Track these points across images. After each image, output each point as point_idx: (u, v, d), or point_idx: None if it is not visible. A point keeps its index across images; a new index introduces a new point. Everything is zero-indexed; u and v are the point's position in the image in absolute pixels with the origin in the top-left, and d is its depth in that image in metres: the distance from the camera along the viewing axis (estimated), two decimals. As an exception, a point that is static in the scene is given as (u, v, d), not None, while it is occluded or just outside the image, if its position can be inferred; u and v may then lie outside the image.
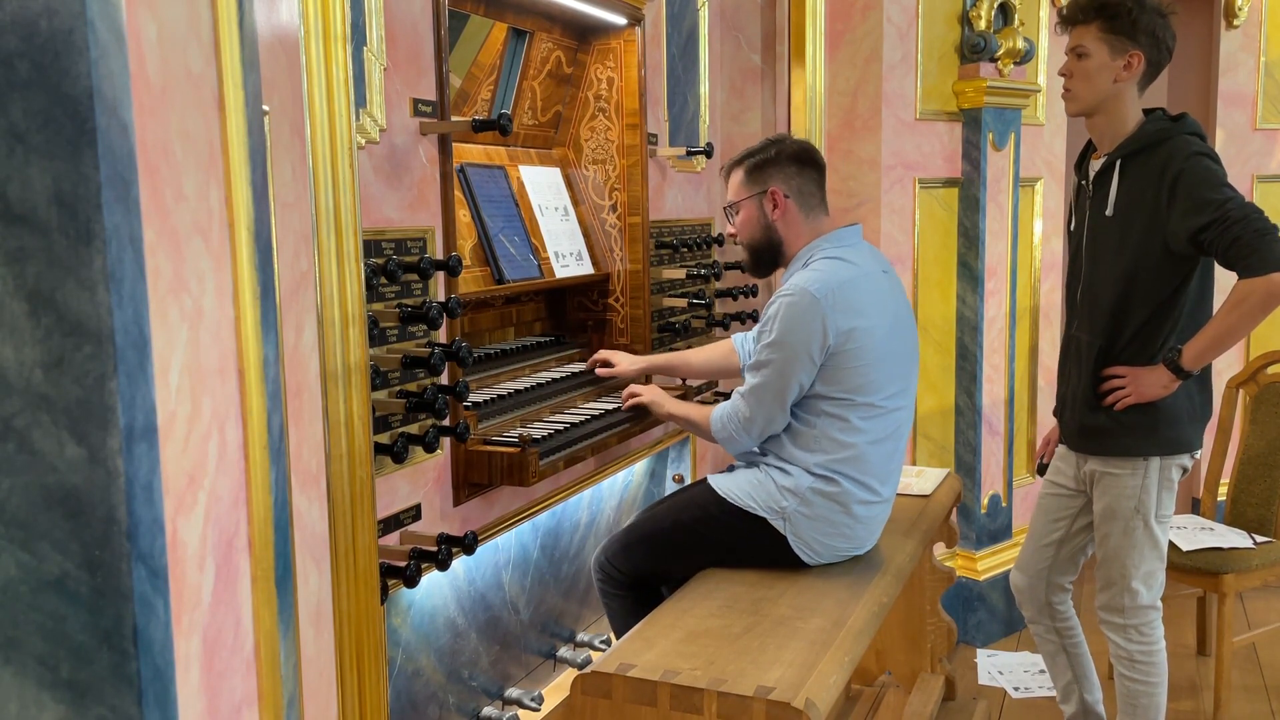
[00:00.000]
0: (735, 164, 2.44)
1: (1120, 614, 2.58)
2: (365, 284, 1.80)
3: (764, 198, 2.37)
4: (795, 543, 2.26)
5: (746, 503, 2.29)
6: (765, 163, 2.38)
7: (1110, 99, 2.47)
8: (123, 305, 0.93)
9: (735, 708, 1.73)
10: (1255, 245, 2.24)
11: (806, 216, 2.37)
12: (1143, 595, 2.56)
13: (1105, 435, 2.53)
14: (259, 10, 1.35)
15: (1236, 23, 4.35)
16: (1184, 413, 2.49)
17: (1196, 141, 2.42)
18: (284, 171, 1.47)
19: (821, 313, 2.18)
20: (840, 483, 2.25)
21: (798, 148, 2.40)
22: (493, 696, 2.54)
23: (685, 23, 3.14)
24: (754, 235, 2.41)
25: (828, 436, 2.25)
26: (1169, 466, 2.52)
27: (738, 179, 2.42)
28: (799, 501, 2.25)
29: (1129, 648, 2.59)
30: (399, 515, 2.03)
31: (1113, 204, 2.48)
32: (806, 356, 2.20)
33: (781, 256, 2.41)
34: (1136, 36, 2.42)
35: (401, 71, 2.01)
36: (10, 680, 0.97)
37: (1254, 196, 4.51)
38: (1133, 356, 2.49)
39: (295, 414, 1.51)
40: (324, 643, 1.63)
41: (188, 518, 1.06)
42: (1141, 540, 2.53)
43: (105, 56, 0.91)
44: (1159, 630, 2.60)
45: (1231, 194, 2.32)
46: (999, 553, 3.93)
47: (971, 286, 3.78)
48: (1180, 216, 2.35)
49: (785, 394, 2.24)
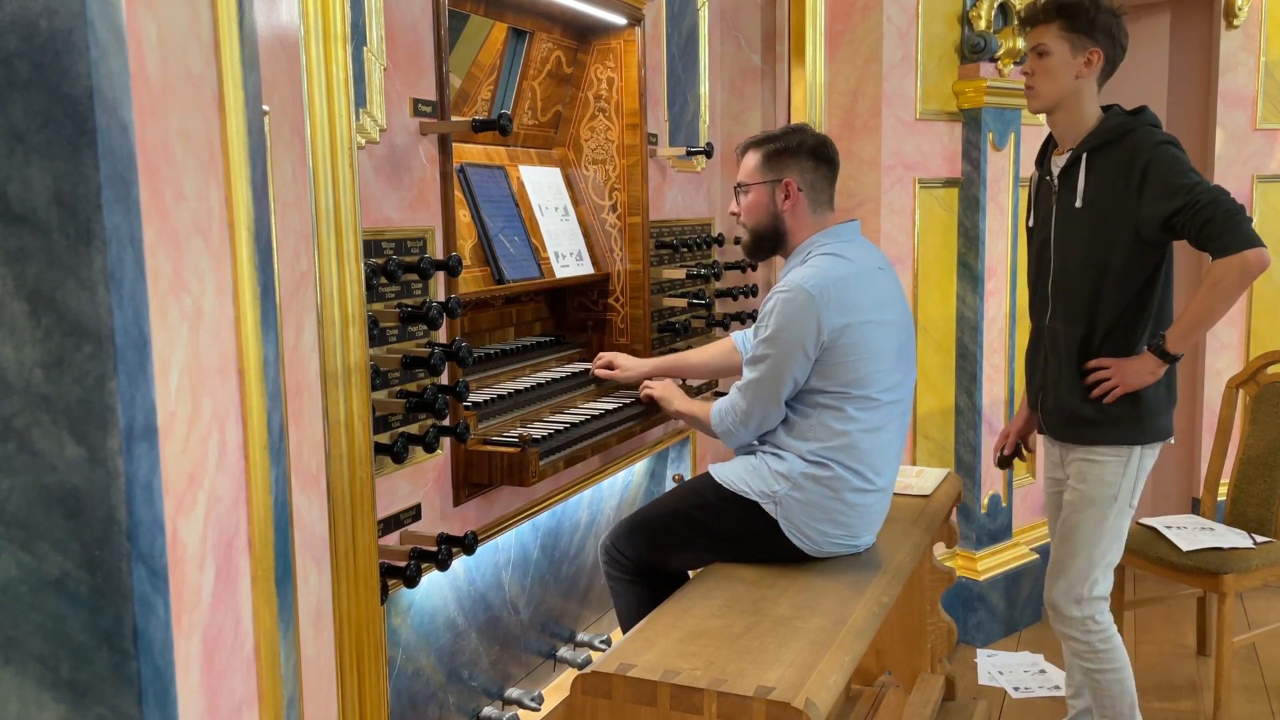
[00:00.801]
0: (754, 144, 2.44)
1: (1078, 605, 2.62)
2: (365, 284, 1.80)
3: (777, 186, 2.38)
4: (786, 527, 2.28)
5: (740, 487, 2.32)
6: (785, 151, 2.39)
7: (1071, 95, 2.54)
8: (123, 305, 0.93)
9: (735, 708, 1.73)
10: (1226, 225, 2.32)
11: (814, 211, 2.40)
12: (1101, 585, 2.62)
13: (1093, 425, 2.57)
14: (259, 10, 1.35)
15: (1236, 23, 4.35)
16: (1162, 401, 2.56)
17: (1158, 131, 2.51)
18: (284, 171, 1.47)
19: (816, 309, 2.20)
20: (833, 468, 2.27)
21: (817, 141, 2.42)
22: (493, 696, 2.54)
23: (685, 23, 3.14)
24: (760, 220, 2.42)
25: (822, 424, 2.28)
26: (1148, 455, 2.59)
27: (754, 161, 2.42)
28: (790, 485, 2.27)
29: (1088, 639, 2.63)
30: (399, 515, 2.03)
31: (1082, 196, 2.54)
32: (801, 352, 2.23)
33: (783, 246, 2.43)
34: (1094, 34, 2.51)
35: (401, 71, 2.01)
36: (10, 680, 0.97)
37: (1254, 196, 4.51)
38: (1114, 347, 2.54)
39: (295, 414, 1.51)
40: (324, 643, 1.63)
41: (188, 518, 1.06)
42: (1112, 528, 2.59)
43: (105, 56, 0.91)
44: (1109, 616, 2.65)
45: (1199, 179, 2.39)
46: (999, 553, 3.93)
47: (971, 286, 3.78)
48: (1151, 203, 2.42)
49: (780, 388, 2.27)
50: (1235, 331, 4.52)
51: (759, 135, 2.46)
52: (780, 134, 2.43)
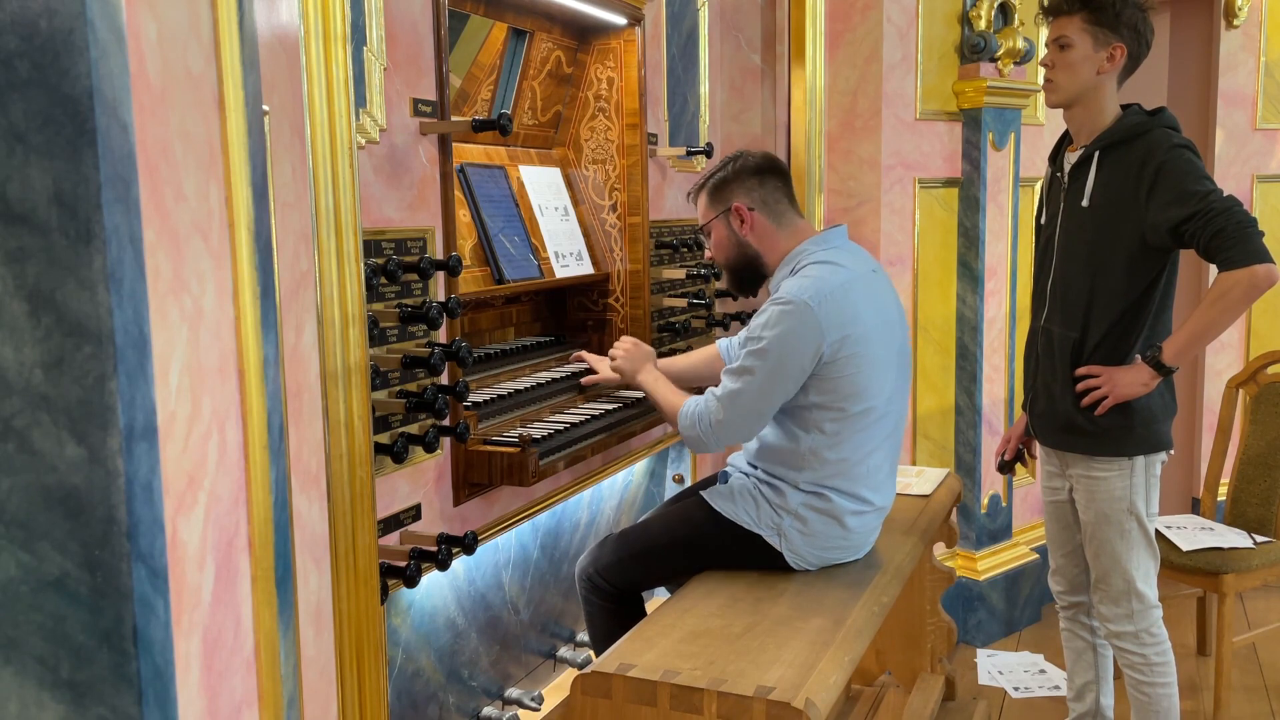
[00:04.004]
0: (698, 189, 2.45)
1: (1131, 620, 2.55)
2: (365, 284, 1.80)
3: (730, 215, 2.36)
4: (791, 558, 2.26)
5: (742, 518, 2.28)
6: (724, 181, 2.38)
7: (1091, 91, 2.47)
8: (123, 305, 0.93)
9: (735, 708, 1.73)
10: (1237, 238, 2.24)
11: (778, 225, 2.35)
12: (1149, 596, 2.55)
13: (1083, 435, 2.51)
14: (259, 10, 1.35)
15: (1236, 23, 4.35)
16: (1159, 411, 2.49)
17: (1175, 134, 2.42)
18: (284, 171, 1.47)
19: (818, 323, 2.14)
20: (830, 498, 2.24)
21: (756, 160, 2.39)
22: (493, 696, 2.54)
23: (685, 23, 3.14)
24: (729, 254, 2.40)
25: (815, 454, 2.23)
26: (1152, 464, 2.52)
27: (703, 203, 2.43)
28: (793, 518, 2.24)
29: (1144, 652, 2.56)
30: (399, 515, 2.03)
31: (1089, 195, 2.48)
32: (797, 369, 2.17)
33: (763, 268, 2.38)
34: (1119, 29, 2.43)
35: (401, 71, 2.01)
36: (10, 680, 0.97)
37: (1254, 196, 4.51)
38: (1107, 354, 2.47)
39: (295, 414, 1.51)
40: (324, 643, 1.63)
41: (188, 518, 1.06)
42: (1138, 540, 2.52)
43: (105, 56, 0.91)
44: (1164, 628, 2.59)
45: (1213, 187, 2.32)
46: (999, 553, 3.93)
47: (971, 286, 3.78)
48: (1161, 208, 2.34)
49: (765, 405, 2.21)
50: (1235, 331, 4.52)
51: (700, 179, 2.45)
52: (717, 167, 2.42)
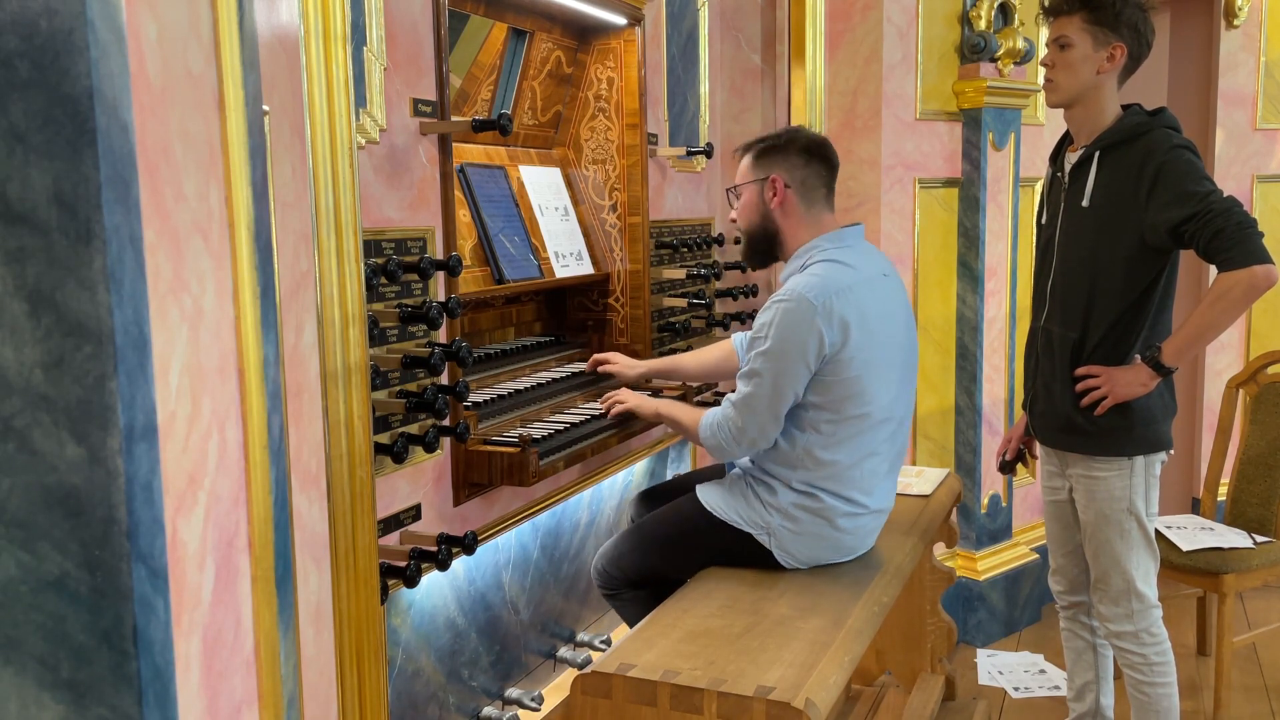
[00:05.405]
0: (746, 148, 2.43)
1: (1130, 620, 2.55)
2: (365, 284, 1.80)
3: (765, 184, 2.35)
4: (781, 556, 2.26)
5: (731, 517, 2.29)
6: (773, 149, 2.36)
7: (1091, 91, 2.47)
8: (123, 305, 0.93)
9: (735, 708, 1.73)
10: (1237, 238, 2.24)
11: (807, 211, 2.33)
12: (1148, 596, 2.55)
13: (1083, 434, 2.51)
14: (259, 10, 1.35)
15: (1236, 23, 4.35)
16: (1158, 411, 2.49)
17: (1176, 135, 2.42)
18: (284, 171, 1.47)
19: (817, 319, 2.14)
20: (822, 498, 2.24)
21: (810, 140, 2.38)
22: (493, 696, 2.54)
23: (685, 23, 3.14)
24: (751, 221, 2.39)
25: (809, 454, 2.23)
26: (1152, 464, 2.52)
27: (745, 163, 2.41)
28: (782, 517, 2.24)
29: (1144, 651, 2.56)
30: (399, 515, 2.03)
31: (1089, 195, 2.48)
32: (802, 365, 2.17)
33: (779, 248, 2.38)
34: (1119, 29, 2.43)
35: (401, 71, 2.01)
36: (10, 680, 0.97)
37: (1254, 196, 4.51)
38: (1107, 354, 2.47)
39: (295, 414, 1.51)
40: (324, 643, 1.63)
41: (188, 518, 1.06)
42: (1138, 540, 2.52)
43: (105, 56, 0.91)
44: (1164, 628, 2.59)
45: (1213, 187, 2.32)
46: (999, 553, 3.93)
47: (971, 286, 3.78)
48: (1161, 209, 2.34)
49: (779, 404, 2.20)
50: (1235, 331, 4.52)
51: (753, 138, 2.44)
52: (772, 134, 2.41)
